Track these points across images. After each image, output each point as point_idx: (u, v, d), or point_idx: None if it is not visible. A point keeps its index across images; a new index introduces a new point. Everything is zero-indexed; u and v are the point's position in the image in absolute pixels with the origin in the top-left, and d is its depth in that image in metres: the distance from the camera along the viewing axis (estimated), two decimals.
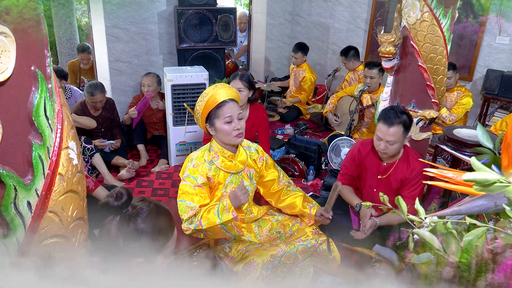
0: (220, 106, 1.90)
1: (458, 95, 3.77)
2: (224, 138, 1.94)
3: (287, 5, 5.86)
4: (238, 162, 2.02)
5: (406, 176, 2.32)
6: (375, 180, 2.43)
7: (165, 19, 4.48)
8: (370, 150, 2.43)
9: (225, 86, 1.96)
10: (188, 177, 1.92)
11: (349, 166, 2.51)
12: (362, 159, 2.46)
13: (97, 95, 3.53)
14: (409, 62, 2.56)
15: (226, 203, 1.81)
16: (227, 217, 1.76)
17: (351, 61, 4.67)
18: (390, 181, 2.39)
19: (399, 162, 2.35)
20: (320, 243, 2.01)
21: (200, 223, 1.79)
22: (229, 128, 1.90)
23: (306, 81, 4.90)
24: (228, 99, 1.91)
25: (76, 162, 0.86)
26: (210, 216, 1.79)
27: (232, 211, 1.78)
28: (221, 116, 1.89)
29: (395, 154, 2.31)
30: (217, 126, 1.91)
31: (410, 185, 2.31)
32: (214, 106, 1.90)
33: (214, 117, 1.91)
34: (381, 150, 2.23)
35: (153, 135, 4.11)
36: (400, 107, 2.31)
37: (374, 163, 2.42)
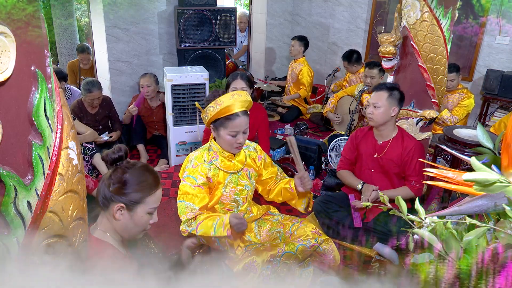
0: (230, 118, 1.86)
1: (460, 97, 3.76)
2: (223, 145, 1.95)
3: (287, 5, 5.86)
4: (237, 161, 2.03)
5: (401, 154, 2.42)
6: (372, 160, 2.53)
7: (165, 19, 4.48)
8: (366, 133, 2.59)
9: (242, 97, 1.89)
10: (188, 177, 1.92)
11: (347, 150, 2.66)
12: (359, 142, 2.59)
13: (95, 92, 3.55)
14: (409, 62, 2.56)
15: (225, 221, 1.80)
16: (222, 233, 1.78)
17: (354, 66, 4.66)
18: (386, 161, 2.47)
19: (393, 140, 2.46)
20: (320, 242, 2.01)
21: (196, 229, 1.81)
22: (232, 140, 1.90)
23: (304, 74, 4.85)
24: (241, 112, 1.87)
25: (76, 162, 0.86)
26: (207, 226, 1.80)
27: (227, 229, 1.78)
28: (228, 127, 1.87)
29: (382, 123, 2.42)
30: (221, 133, 1.90)
31: (409, 164, 2.41)
32: (224, 115, 1.87)
33: (221, 125, 1.89)
34: (368, 114, 2.42)
35: (153, 135, 4.11)
36: (394, 85, 2.50)
37: (370, 144, 2.54)
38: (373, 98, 2.42)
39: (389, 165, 2.47)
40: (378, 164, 2.51)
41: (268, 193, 2.18)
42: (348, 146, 2.65)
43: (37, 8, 0.75)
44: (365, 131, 2.61)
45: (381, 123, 2.42)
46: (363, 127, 2.69)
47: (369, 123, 2.48)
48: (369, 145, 2.54)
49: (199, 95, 3.55)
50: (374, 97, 2.41)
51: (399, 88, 2.43)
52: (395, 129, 2.48)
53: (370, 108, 2.42)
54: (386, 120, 2.41)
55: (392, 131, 2.47)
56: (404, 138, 2.45)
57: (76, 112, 3.60)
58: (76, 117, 3.58)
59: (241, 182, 2.05)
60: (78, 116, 3.63)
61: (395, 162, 2.44)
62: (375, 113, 2.39)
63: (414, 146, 2.40)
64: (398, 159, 2.43)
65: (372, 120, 2.43)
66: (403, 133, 2.48)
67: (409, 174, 2.43)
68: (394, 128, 2.48)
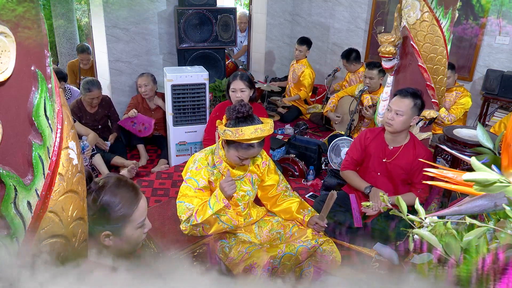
0: (245, 148, 1.84)
1: (457, 95, 3.77)
2: (229, 158, 1.94)
3: (287, 5, 5.86)
4: (240, 167, 2.03)
5: (411, 162, 2.36)
6: (379, 163, 2.47)
7: (165, 19, 4.48)
8: (377, 135, 2.50)
9: (265, 132, 1.82)
10: (190, 179, 1.92)
11: (354, 151, 2.58)
12: (368, 143, 2.52)
13: (94, 91, 3.56)
14: (409, 62, 2.56)
15: (217, 193, 1.82)
16: (218, 206, 1.79)
17: (353, 64, 4.66)
18: (394, 166, 2.42)
19: (404, 147, 2.40)
20: (320, 243, 2.01)
21: (195, 218, 1.82)
22: (239, 161, 1.91)
23: (306, 76, 4.86)
24: (257, 144, 1.84)
25: (76, 162, 0.86)
26: (204, 209, 1.82)
27: (222, 199, 1.80)
28: (240, 152, 1.86)
29: (400, 131, 2.35)
30: (231, 152, 1.90)
31: (419, 173, 2.36)
32: (240, 142, 1.83)
33: (234, 146, 1.87)
34: (388, 120, 2.32)
35: (153, 135, 4.11)
36: (417, 91, 2.37)
37: (380, 147, 2.47)
38: (396, 104, 2.31)
39: (396, 171, 2.42)
40: (386, 169, 2.46)
41: (269, 200, 2.18)
42: (355, 146, 2.58)
43: (37, 8, 0.75)
44: (375, 133, 2.53)
45: (399, 130, 2.34)
46: (373, 128, 2.63)
47: (386, 128, 2.40)
48: (379, 148, 2.47)
49: (199, 95, 3.55)
50: (397, 103, 2.30)
51: (422, 96, 2.34)
52: (407, 135, 2.42)
53: (390, 113, 2.32)
54: (405, 128, 2.35)
55: (405, 138, 2.41)
56: (416, 146, 2.39)
57: (75, 111, 3.61)
58: (75, 116, 3.58)
59: (244, 188, 2.04)
60: (78, 116, 3.63)
61: (404, 169, 2.40)
62: (396, 120, 2.30)
63: (425, 155, 2.35)
64: (408, 166, 2.38)
65: (391, 126, 2.33)
66: (414, 140, 2.42)
67: (417, 182, 2.39)
68: (407, 134, 2.42)
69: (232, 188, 1.82)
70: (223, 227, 1.90)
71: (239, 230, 2.10)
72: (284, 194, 2.16)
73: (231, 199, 1.99)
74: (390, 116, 2.32)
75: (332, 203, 2.03)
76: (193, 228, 1.86)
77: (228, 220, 1.87)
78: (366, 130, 2.62)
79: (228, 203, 1.82)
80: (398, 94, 2.35)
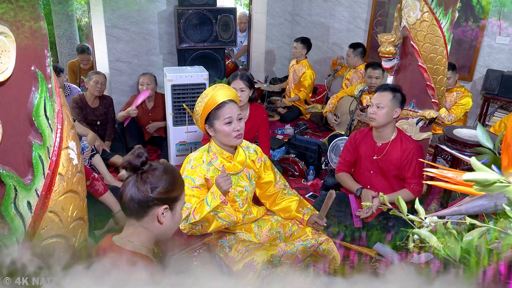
0: (220, 107, 1.89)
1: (458, 95, 3.77)
2: (223, 139, 1.94)
3: (287, 5, 5.86)
4: (237, 163, 2.02)
5: (400, 157, 2.41)
6: (371, 162, 2.52)
7: (165, 19, 4.48)
8: (366, 134, 2.57)
9: (225, 87, 1.96)
10: (186, 178, 1.92)
11: (346, 152, 2.65)
12: (358, 144, 2.58)
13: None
14: (409, 62, 2.56)
15: (213, 189, 1.83)
16: (216, 202, 1.80)
17: (357, 57, 4.63)
18: (385, 162, 2.46)
19: (392, 142, 2.45)
20: (320, 243, 2.01)
21: (193, 216, 1.83)
22: (229, 129, 1.90)
23: (306, 77, 4.86)
24: (228, 100, 1.91)
25: (76, 162, 0.86)
26: (201, 207, 1.83)
27: (219, 195, 1.80)
28: (221, 117, 1.89)
29: (384, 124, 2.41)
30: (217, 127, 1.91)
31: (409, 167, 2.41)
32: (213, 107, 1.89)
33: (214, 118, 1.91)
34: (371, 114, 2.40)
35: (152, 136, 4.10)
36: (397, 86, 2.48)
37: (369, 145, 2.53)
38: (377, 98, 2.40)
39: (388, 167, 2.46)
40: (377, 166, 2.50)
41: (268, 199, 2.18)
42: (347, 148, 2.64)
43: (37, 8, 0.75)
44: (364, 133, 2.59)
45: (382, 123, 2.40)
46: (362, 129, 2.68)
47: (370, 123, 2.47)
48: (368, 146, 2.53)
49: (199, 95, 3.54)
50: (377, 98, 2.40)
51: (401, 90, 2.43)
52: (394, 131, 2.47)
53: (372, 108, 2.40)
54: (388, 121, 2.40)
55: (392, 133, 2.46)
56: (403, 140, 2.44)
57: (77, 102, 3.66)
58: (76, 107, 3.61)
59: (241, 183, 2.04)
60: (79, 106, 3.66)
61: (394, 164, 2.43)
62: (378, 113, 2.38)
63: (413, 148, 2.39)
64: (397, 161, 2.42)
65: (374, 120, 2.41)
66: (401, 135, 2.48)
67: (409, 177, 2.43)
68: (394, 130, 2.47)
69: (227, 183, 1.83)
70: (222, 224, 1.90)
71: (239, 230, 2.10)
72: (282, 192, 2.16)
73: (228, 194, 1.99)
74: (372, 110, 2.40)
75: (331, 202, 2.04)
76: (192, 226, 1.86)
77: (226, 216, 1.87)
78: (356, 131, 2.68)
79: (225, 199, 1.83)
80: (378, 89, 2.46)
